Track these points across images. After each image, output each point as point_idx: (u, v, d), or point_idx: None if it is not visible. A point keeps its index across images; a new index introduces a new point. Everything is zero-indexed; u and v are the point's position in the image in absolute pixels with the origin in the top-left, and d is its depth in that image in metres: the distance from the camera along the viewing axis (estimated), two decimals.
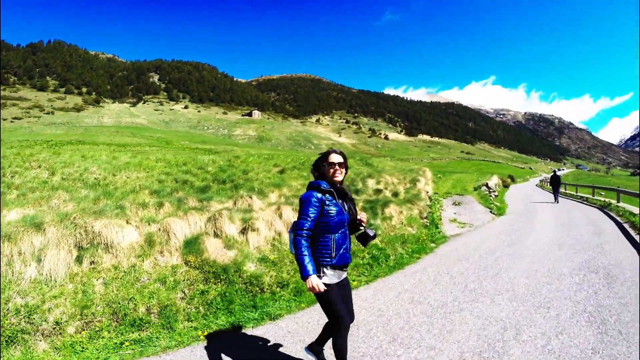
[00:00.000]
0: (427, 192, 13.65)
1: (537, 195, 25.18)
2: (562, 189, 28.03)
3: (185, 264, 5.49)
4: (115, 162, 11.93)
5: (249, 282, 5.38)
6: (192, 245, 5.80)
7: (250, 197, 8.18)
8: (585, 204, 18.61)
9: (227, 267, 5.47)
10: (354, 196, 9.88)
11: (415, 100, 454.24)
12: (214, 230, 6.70)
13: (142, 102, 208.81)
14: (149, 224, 6.23)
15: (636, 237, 9.04)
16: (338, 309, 2.85)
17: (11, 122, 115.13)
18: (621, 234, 9.55)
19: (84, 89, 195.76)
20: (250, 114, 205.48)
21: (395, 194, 11.15)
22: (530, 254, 7.73)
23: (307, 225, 2.76)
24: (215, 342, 4.06)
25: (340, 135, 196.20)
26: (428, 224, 10.81)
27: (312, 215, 2.78)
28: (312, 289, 2.63)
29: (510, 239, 9.35)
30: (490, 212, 14.08)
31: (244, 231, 6.91)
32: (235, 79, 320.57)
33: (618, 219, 12.35)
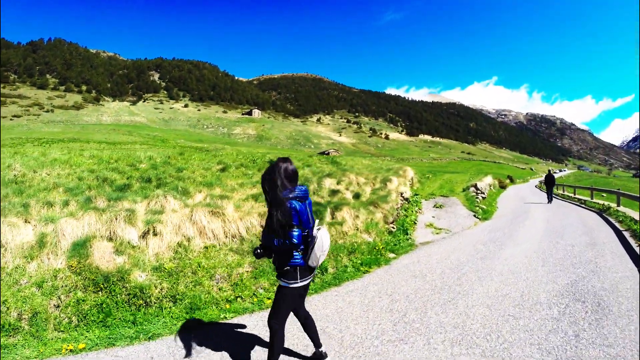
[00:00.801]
0: (402, 194, 12.16)
1: (532, 196, 23.61)
2: (560, 191, 27.40)
3: (68, 268, 4.93)
4: (42, 159, 10.60)
5: (134, 293, 4.72)
6: (80, 248, 5.16)
7: (165, 197, 6.79)
8: (583, 207, 17.05)
9: (109, 275, 4.82)
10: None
11: (417, 100, 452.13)
12: (109, 233, 5.69)
13: (142, 100, 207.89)
14: (46, 224, 5.59)
15: (637, 250, 7.52)
16: None
17: (10, 120, 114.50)
18: (620, 246, 8.03)
19: (84, 87, 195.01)
20: (250, 113, 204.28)
21: (357, 195, 9.65)
22: (504, 271, 6.23)
23: None
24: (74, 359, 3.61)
25: (340, 135, 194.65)
26: (394, 230, 9.33)
27: None
28: None
29: (487, 250, 7.85)
30: (474, 216, 12.56)
31: (145, 235, 5.65)
32: (236, 78, 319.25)
33: (617, 225, 10.83)
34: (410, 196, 13.99)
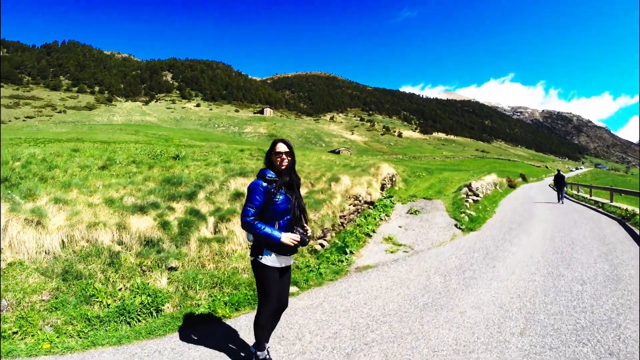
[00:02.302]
0: (359, 196, 9.36)
1: (542, 197, 20.34)
2: (574, 191, 24.68)
3: None
4: None
5: None
6: None
7: None
8: (601, 211, 13.88)
9: None
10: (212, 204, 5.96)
11: (432, 97, 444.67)
12: None
13: (155, 100, 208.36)
14: None
15: None
16: (270, 288, 2.91)
17: (23, 120, 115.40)
18: None
19: (97, 88, 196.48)
20: (262, 112, 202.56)
21: None
22: (445, 343, 3.40)
23: (251, 211, 2.82)
24: None
25: (352, 133, 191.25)
26: (324, 248, 6.58)
27: (256, 202, 2.83)
28: (290, 242, 2.77)
29: (443, 289, 5.01)
30: (456, 225, 9.62)
31: None
32: (249, 77, 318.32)
33: None
34: (378, 199, 11.16)
